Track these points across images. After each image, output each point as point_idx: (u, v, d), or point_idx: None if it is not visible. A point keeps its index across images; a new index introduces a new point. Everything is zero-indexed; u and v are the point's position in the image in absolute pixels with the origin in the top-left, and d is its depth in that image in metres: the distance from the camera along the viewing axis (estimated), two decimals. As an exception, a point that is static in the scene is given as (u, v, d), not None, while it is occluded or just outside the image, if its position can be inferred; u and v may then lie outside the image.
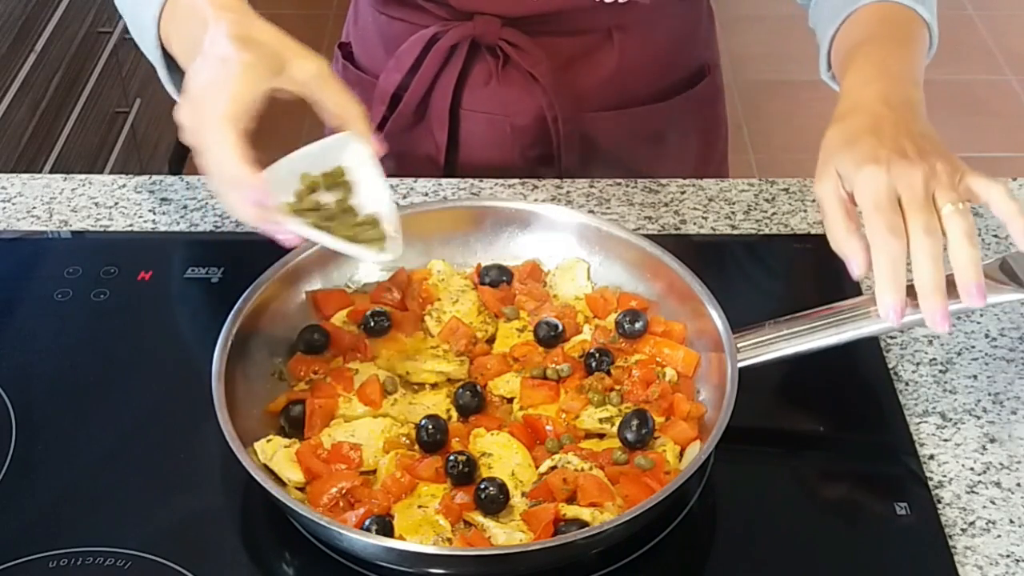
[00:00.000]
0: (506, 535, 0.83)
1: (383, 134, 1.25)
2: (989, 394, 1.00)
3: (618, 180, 1.22)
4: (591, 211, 1.17)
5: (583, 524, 0.83)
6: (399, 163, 1.27)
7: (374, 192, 0.92)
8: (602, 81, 1.22)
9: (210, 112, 0.85)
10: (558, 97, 1.21)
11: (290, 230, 0.87)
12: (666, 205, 1.19)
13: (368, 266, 1.04)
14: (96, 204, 1.20)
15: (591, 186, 1.21)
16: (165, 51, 1.00)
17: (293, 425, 0.92)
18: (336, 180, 0.91)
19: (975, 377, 1.01)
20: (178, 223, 1.18)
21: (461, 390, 0.93)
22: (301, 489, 0.88)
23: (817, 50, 1.09)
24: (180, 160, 2.96)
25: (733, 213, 1.18)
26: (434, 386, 0.96)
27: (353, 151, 0.91)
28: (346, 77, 1.31)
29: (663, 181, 1.22)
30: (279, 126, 1.48)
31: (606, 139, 1.25)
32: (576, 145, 1.24)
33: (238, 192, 0.84)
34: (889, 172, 0.87)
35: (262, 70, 0.86)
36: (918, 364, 1.03)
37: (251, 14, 0.91)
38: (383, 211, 0.91)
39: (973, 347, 1.04)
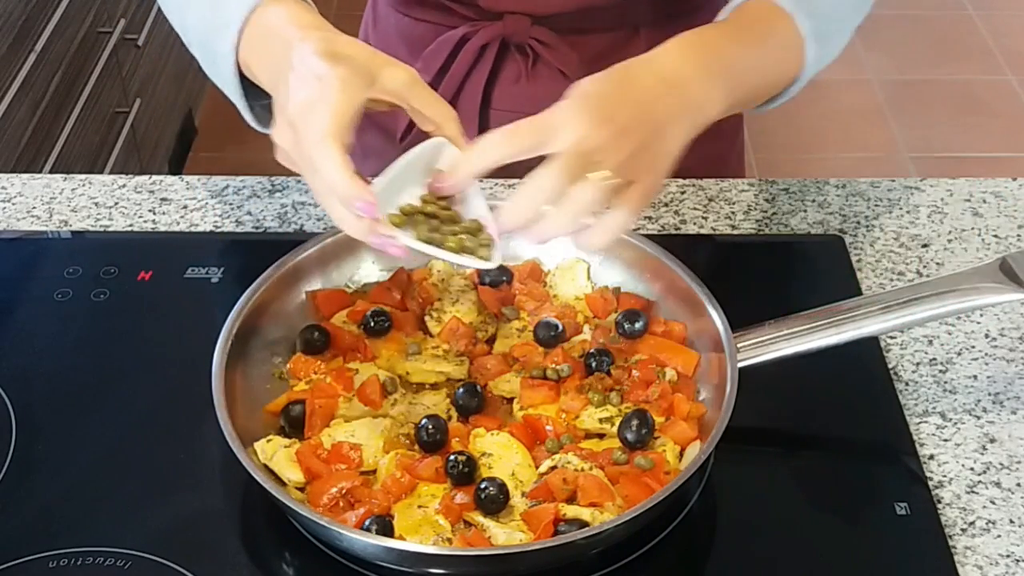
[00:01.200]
0: (506, 535, 0.83)
1: (410, 137, 1.25)
2: (989, 394, 1.00)
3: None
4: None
5: (583, 524, 0.83)
6: None
7: (472, 196, 0.90)
8: None
9: (314, 130, 0.84)
10: None
11: (401, 243, 0.85)
12: (666, 205, 1.19)
13: (368, 266, 1.04)
14: (96, 204, 1.20)
15: (591, 186, 1.21)
16: (242, 80, 0.97)
17: (293, 425, 0.92)
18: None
19: (975, 377, 1.01)
20: (178, 223, 1.18)
21: (461, 390, 0.93)
22: (301, 489, 0.88)
23: None
24: (180, 160, 2.96)
25: (733, 213, 1.18)
26: (434, 386, 0.96)
27: (448, 155, 0.90)
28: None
29: (663, 181, 1.21)
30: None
31: None
32: None
33: (348, 207, 0.84)
34: (584, 121, 0.84)
35: (357, 83, 0.86)
36: (918, 364, 1.03)
37: (333, 30, 0.91)
38: (483, 215, 0.90)
39: (973, 347, 1.04)
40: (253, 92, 0.97)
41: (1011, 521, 0.90)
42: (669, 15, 1.21)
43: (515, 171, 1.14)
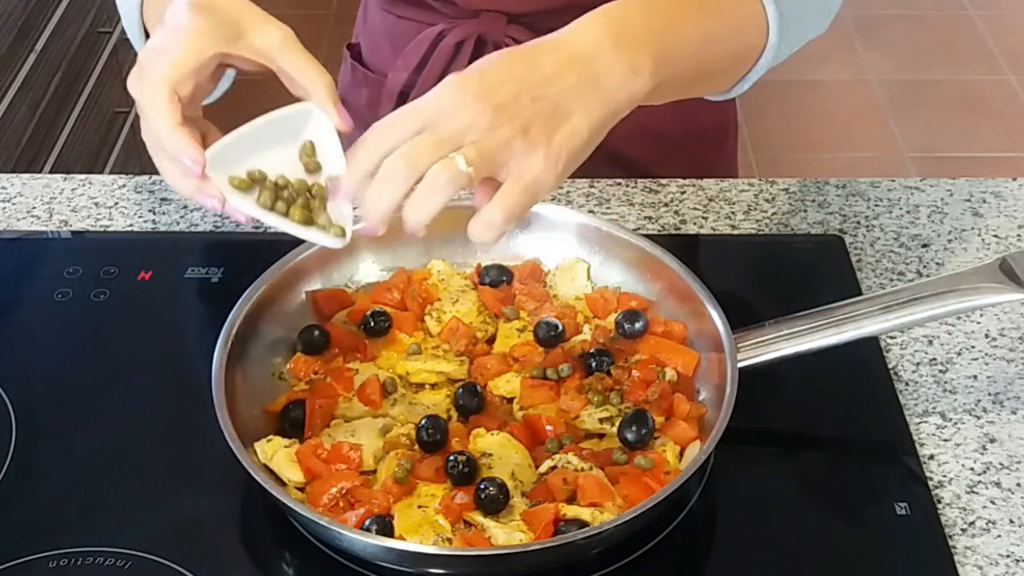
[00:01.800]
0: (506, 535, 0.83)
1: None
2: (989, 394, 1.00)
3: (618, 180, 1.22)
4: (591, 211, 1.17)
5: (583, 524, 0.83)
6: None
7: (333, 169, 0.85)
8: None
9: (150, 76, 0.81)
10: None
11: (236, 207, 0.82)
12: (666, 205, 1.19)
13: (368, 266, 1.04)
14: (96, 204, 1.20)
15: (591, 186, 1.21)
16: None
17: (293, 425, 0.92)
18: (307, 157, 0.85)
19: (975, 377, 1.01)
20: (178, 223, 1.18)
21: (461, 390, 0.93)
22: (301, 489, 0.88)
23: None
24: (180, 160, 2.96)
25: (733, 213, 1.18)
26: (434, 386, 0.96)
27: (316, 122, 0.84)
28: (355, 77, 1.32)
29: (663, 181, 1.22)
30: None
31: (613, 137, 1.25)
32: None
33: (175, 162, 0.81)
34: (458, 100, 0.77)
35: (213, 36, 0.82)
36: (918, 364, 1.03)
37: None
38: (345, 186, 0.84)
39: (973, 347, 1.04)
40: None
41: (1011, 521, 0.90)
42: None
43: None
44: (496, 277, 1.03)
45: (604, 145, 1.23)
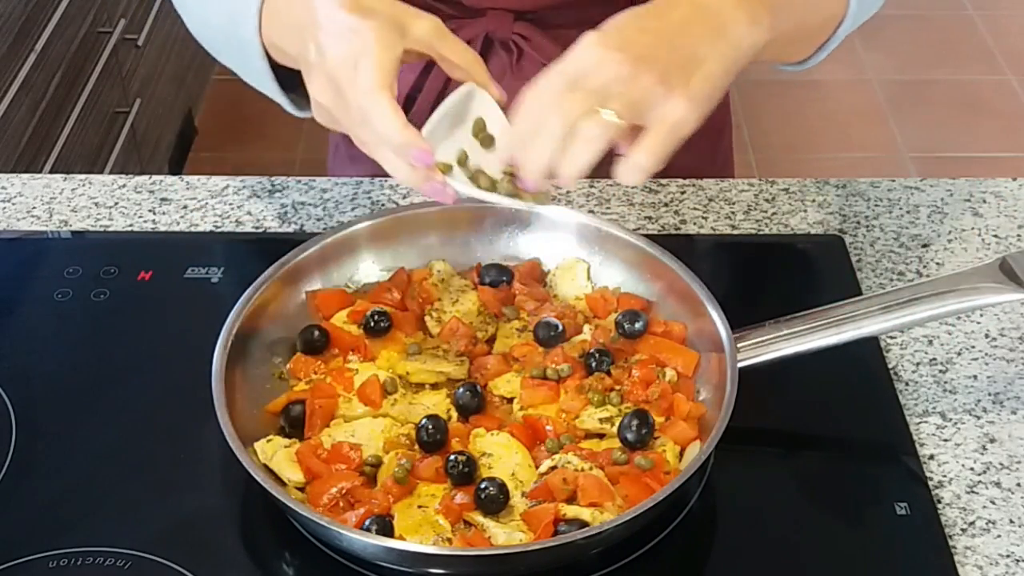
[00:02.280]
0: (506, 535, 0.83)
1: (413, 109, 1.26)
2: (989, 394, 1.00)
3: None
4: (591, 211, 1.17)
5: (583, 524, 0.83)
6: None
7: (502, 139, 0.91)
8: None
9: (360, 84, 0.85)
10: None
11: (456, 190, 0.87)
12: (666, 205, 1.19)
13: (368, 266, 1.04)
14: (96, 204, 1.20)
15: (591, 186, 1.21)
16: (271, 63, 0.98)
17: (293, 425, 0.92)
18: (480, 132, 0.92)
19: (975, 377, 1.01)
20: (178, 223, 1.18)
21: (461, 390, 0.93)
22: (301, 489, 0.88)
23: None
24: (180, 160, 2.96)
25: (733, 213, 1.18)
26: (434, 386, 0.96)
27: (480, 101, 0.91)
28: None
29: (663, 181, 1.22)
30: (279, 132, 1.48)
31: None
32: None
33: (402, 156, 0.85)
34: (599, 56, 0.83)
35: (390, 35, 0.86)
36: (918, 364, 1.03)
37: None
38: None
39: (973, 347, 1.04)
40: (288, 82, 0.98)
41: (1011, 521, 0.90)
42: None
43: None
44: (496, 277, 1.03)
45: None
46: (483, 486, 0.85)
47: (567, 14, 1.19)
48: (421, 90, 1.23)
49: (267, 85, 1.00)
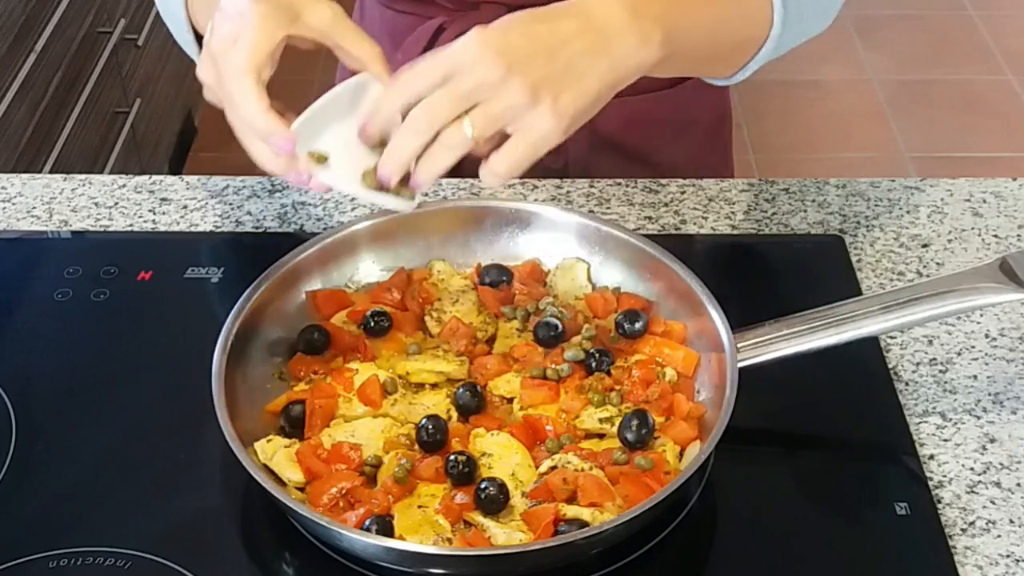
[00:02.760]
0: (506, 535, 0.83)
1: None
2: (989, 394, 1.00)
3: (618, 180, 1.22)
4: (591, 211, 1.17)
5: (583, 524, 0.83)
6: None
7: None
8: None
9: (232, 65, 0.85)
10: None
11: (324, 181, 0.87)
12: (666, 205, 1.19)
13: (368, 266, 1.04)
14: (96, 204, 1.20)
15: (591, 186, 1.21)
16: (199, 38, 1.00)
17: (293, 425, 0.92)
18: None
19: (975, 377, 1.01)
20: (178, 223, 1.18)
21: (461, 390, 0.93)
22: (301, 489, 0.88)
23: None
24: (180, 160, 2.96)
25: (733, 213, 1.18)
26: (434, 386, 0.96)
27: (373, 93, 0.90)
28: (353, 72, 1.32)
29: (663, 181, 1.22)
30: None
31: (613, 126, 1.25)
32: (584, 132, 1.24)
33: (266, 143, 0.85)
34: (474, 54, 0.82)
35: (278, 19, 0.87)
36: (918, 364, 1.03)
37: None
38: None
39: (973, 347, 1.04)
40: None
41: (1011, 521, 0.90)
42: None
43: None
44: (496, 277, 1.03)
45: (601, 132, 1.23)
46: (483, 486, 0.85)
47: None
48: None
49: (193, 55, 1.01)
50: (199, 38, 1.01)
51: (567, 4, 0.87)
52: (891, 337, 1.05)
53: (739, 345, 0.92)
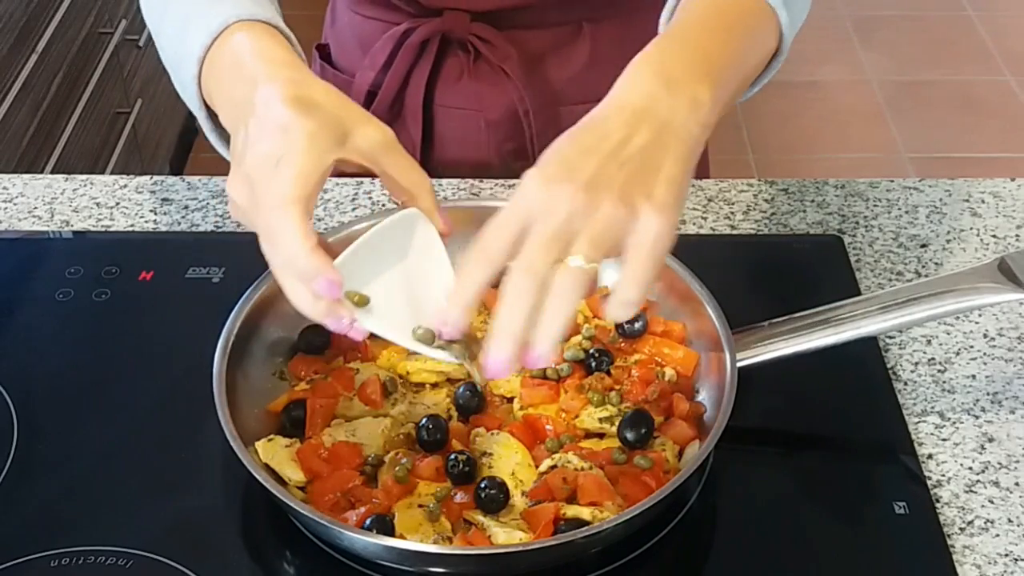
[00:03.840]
0: (506, 534, 0.83)
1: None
2: (987, 394, 1.00)
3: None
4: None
5: (583, 523, 0.83)
6: None
7: (441, 278, 0.83)
8: (574, 75, 1.23)
9: (274, 193, 0.75)
10: (529, 91, 1.22)
11: (364, 328, 0.78)
12: (666, 205, 1.19)
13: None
14: (97, 204, 1.21)
15: (591, 186, 1.21)
16: (209, 107, 0.90)
17: (294, 425, 0.92)
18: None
19: (973, 377, 1.02)
20: (179, 223, 1.18)
21: (461, 390, 0.94)
22: (302, 488, 0.88)
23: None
24: (181, 160, 2.96)
25: (732, 213, 1.18)
26: (434, 386, 0.96)
27: (422, 231, 0.83)
28: (323, 77, 1.32)
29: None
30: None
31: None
32: (551, 139, 1.24)
33: (307, 284, 0.76)
34: (546, 194, 0.74)
35: (326, 140, 0.77)
36: (917, 364, 1.03)
37: (305, 71, 0.82)
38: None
39: (971, 347, 1.04)
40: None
41: (1009, 520, 0.90)
42: (612, 11, 1.21)
43: (490, 167, 1.10)
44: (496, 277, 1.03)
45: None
46: (483, 485, 0.85)
47: (524, 16, 1.20)
48: (381, 86, 1.24)
49: (203, 125, 0.92)
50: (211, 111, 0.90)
51: (603, 107, 0.80)
52: (890, 337, 1.05)
53: (738, 345, 0.92)
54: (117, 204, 1.21)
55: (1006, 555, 0.88)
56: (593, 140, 0.77)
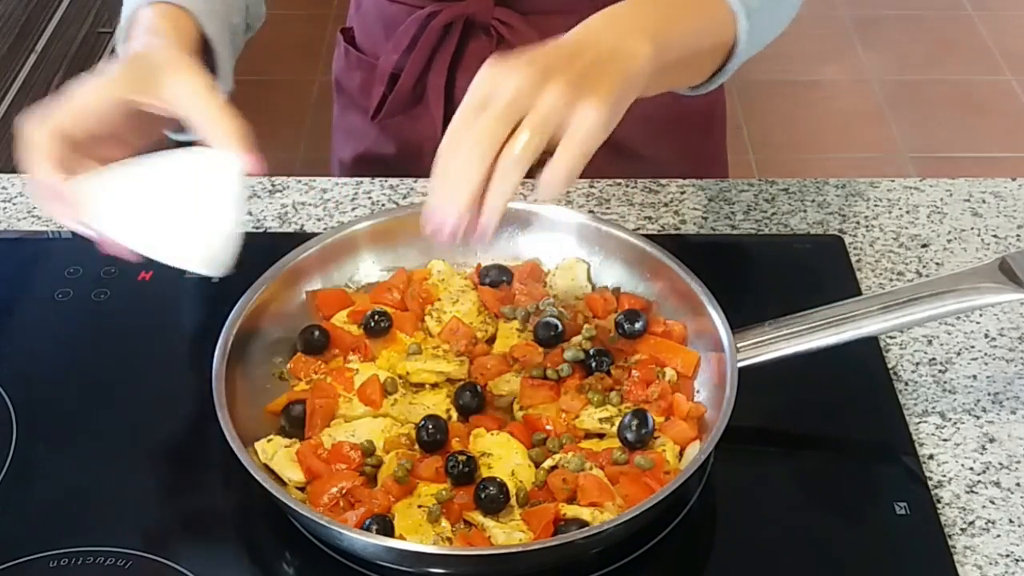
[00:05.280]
0: (506, 535, 0.83)
1: (382, 114, 1.28)
2: (988, 394, 1.00)
3: (618, 180, 1.22)
4: (591, 211, 1.18)
5: (583, 524, 0.83)
6: (399, 145, 1.29)
7: (226, 207, 0.87)
8: None
9: (40, 116, 0.86)
10: None
11: (114, 242, 0.87)
12: (666, 205, 1.19)
13: (368, 266, 1.04)
14: (96, 204, 1.20)
15: (591, 186, 1.21)
16: None
17: (294, 425, 0.92)
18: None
19: (974, 377, 1.02)
20: (178, 223, 1.18)
21: (461, 390, 0.93)
22: (301, 489, 0.88)
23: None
24: (180, 160, 2.96)
25: (733, 213, 1.18)
26: (434, 386, 0.96)
27: (220, 163, 0.86)
28: (348, 61, 1.35)
29: (663, 181, 1.22)
30: (279, 132, 1.48)
31: None
32: None
33: (55, 201, 0.86)
34: (501, 73, 0.81)
35: (121, 84, 0.86)
36: (917, 364, 1.03)
37: (174, 42, 0.91)
38: (225, 229, 0.86)
39: (972, 347, 1.04)
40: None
41: (1010, 521, 0.90)
42: None
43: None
44: (496, 277, 1.03)
45: None
46: (483, 486, 0.85)
47: (547, 1, 1.20)
48: (404, 69, 1.25)
49: None
50: None
51: (555, 41, 0.86)
52: (891, 337, 1.05)
53: (739, 345, 0.92)
54: (116, 204, 1.20)
55: (1007, 556, 0.88)
56: (548, 48, 0.84)
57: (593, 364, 0.95)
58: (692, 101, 1.31)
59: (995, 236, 1.16)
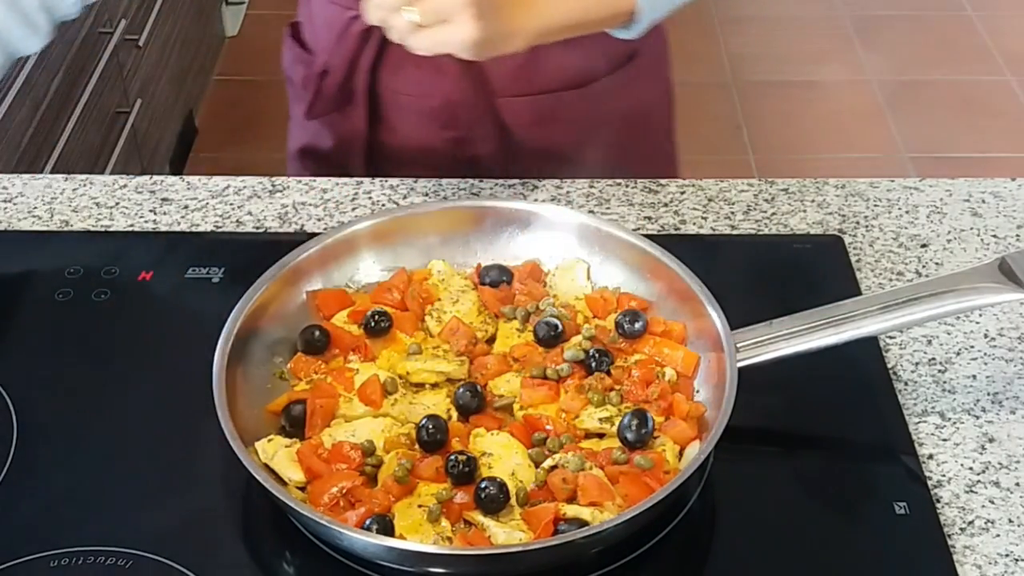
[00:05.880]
0: (506, 535, 0.83)
1: (314, 111, 1.31)
2: (988, 394, 1.00)
3: (618, 180, 1.22)
4: (591, 211, 1.18)
5: (583, 523, 0.83)
6: (335, 140, 1.31)
7: None
8: (513, 66, 1.23)
9: None
10: (465, 81, 1.23)
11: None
12: (666, 205, 1.19)
13: (368, 266, 1.04)
14: (97, 204, 1.21)
15: (591, 186, 1.21)
16: None
17: (294, 425, 0.92)
18: None
19: (974, 377, 1.02)
20: (179, 223, 1.18)
21: (461, 390, 0.93)
22: (302, 489, 0.88)
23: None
24: (181, 160, 2.96)
25: (733, 213, 1.18)
26: (434, 386, 0.96)
27: None
28: (293, 54, 1.35)
29: (663, 181, 1.22)
30: (279, 132, 1.48)
31: (520, 125, 1.27)
32: (490, 130, 1.26)
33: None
34: None
35: None
36: (917, 364, 1.03)
37: None
38: None
39: (972, 347, 1.04)
40: None
41: (1010, 520, 0.90)
42: None
43: (434, 154, 1.16)
44: (496, 277, 1.03)
45: (517, 131, 1.25)
46: (483, 486, 0.85)
47: None
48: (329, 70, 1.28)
49: None
50: None
51: None
52: (890, 337, 1.05)
53: (738, 345, 0.92)
54: (117, 204, 1.21)
55: (1006, 555, 0.88)
56: None
57: (593, 364, 0.95)
58: (616, 105, 1.31)
59: (995, 236, 1.16)
